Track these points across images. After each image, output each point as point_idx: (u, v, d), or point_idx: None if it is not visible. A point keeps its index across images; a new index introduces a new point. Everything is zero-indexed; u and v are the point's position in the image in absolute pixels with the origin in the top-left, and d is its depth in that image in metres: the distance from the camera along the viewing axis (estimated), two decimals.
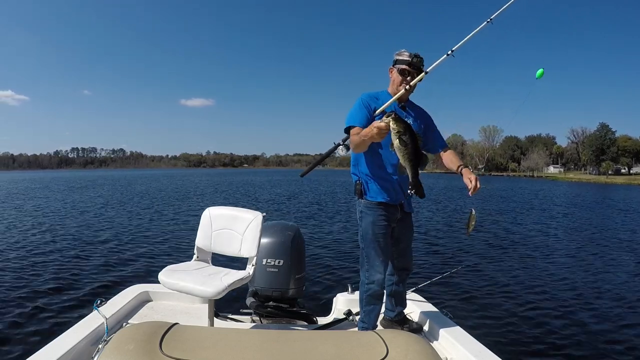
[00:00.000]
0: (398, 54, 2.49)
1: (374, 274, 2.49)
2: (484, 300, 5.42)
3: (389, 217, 2.50)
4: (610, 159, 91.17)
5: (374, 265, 2.49)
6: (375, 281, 2.49)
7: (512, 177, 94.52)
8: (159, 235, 9.75)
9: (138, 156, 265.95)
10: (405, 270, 2.72)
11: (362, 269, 2.56)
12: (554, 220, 15.26)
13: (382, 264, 2.49)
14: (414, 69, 2.44)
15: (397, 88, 2.47)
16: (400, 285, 2.72)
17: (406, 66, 2.44)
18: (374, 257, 2.48)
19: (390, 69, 2.54)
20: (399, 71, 2.47)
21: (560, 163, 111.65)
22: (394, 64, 2.51)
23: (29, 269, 6.22)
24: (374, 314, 2.56)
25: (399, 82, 2.47)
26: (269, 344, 1.00)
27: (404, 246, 2.66)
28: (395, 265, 2.68)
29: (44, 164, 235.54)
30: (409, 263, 2.73)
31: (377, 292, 2.52)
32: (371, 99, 2.50)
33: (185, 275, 2.46)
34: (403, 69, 2.45)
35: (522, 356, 3.83)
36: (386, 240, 2.51)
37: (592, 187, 49.52)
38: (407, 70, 2.45)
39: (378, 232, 2.47)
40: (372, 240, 2.47)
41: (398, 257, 2.66)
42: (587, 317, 4.93)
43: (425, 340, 1.09)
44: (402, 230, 2.62)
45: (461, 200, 23.72)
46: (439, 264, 7.39)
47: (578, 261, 8.23)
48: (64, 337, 2.20)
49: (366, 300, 2.54)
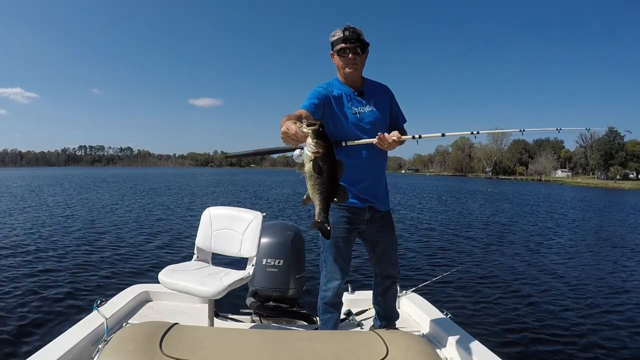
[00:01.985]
0: (332, 36, 2.21)
1: (330, 280, 2.30)
2: (484, 300, 5.42)
3: (352, 220, 2.25)
4: (618, 163, 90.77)
5: (331, 271, 2.29)
6: (331, 288, 2.30)
7: (520, 180, 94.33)
8: (159, 235, 9.73)
9: (145, 155, 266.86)
10: (389, 278, 2.44)
11: (320, 274, 2.37)
12: (556, 223, 15.26)
13: (340, 271, 2.28)
14: (352, 43, 2.14)
15: (345, 71, 2.20)
16: (386, 296, 2.48)
17: (342, 44, 2.15)
18: (332, 263, 2.28)
19: (331, 55, 2.25)
20: (337, 53, 2.18)
21: (568, 167, 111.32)
22: (332, 49, 2.22)
23: (29, 269, 6.20)
24: (331, 323, 2.36)
25: (343, 64, 2.19)
26: (269, 344, 1.01)
27: (382, 250, 2.37)
28: (377, 272, 2.44)
29: (51, 161, 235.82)
30: (392, 269, 2.44)
31: (332, 300, 2.32)
32: (326, 86, 2.23)
33: (185, 275, 2.46)
34: (340, 48, 2.16)
35: (522, 356, 3.83)
36: (347, 245, 2.28)
37: (599, 192, 49.33)
38: (345, 48, 2.15)
39: (337, 236, 2.21)
40: (330, 245, 2.24)
41: (377, 264, 2.41)
42: (587, 318, 4.93)
43: (425, 340, 1.09)
44: (376, 232, 2.34)
45: (466, 201, 23.75)
46: (438, 264, 7.40)
47: (579, 262, 8.24)
48: (64, 337, 2.20)
49: (322, 308, 2.36)
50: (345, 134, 2.19)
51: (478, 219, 15.51)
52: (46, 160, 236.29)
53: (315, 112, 2.04)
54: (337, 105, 2.19)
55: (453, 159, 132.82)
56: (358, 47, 2.16)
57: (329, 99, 2.16)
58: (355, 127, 2.20)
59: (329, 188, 1.58)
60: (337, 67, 2.25)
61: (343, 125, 2.19)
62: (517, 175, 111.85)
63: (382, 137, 2.06)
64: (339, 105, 2.20)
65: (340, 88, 2.23)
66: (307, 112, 1.98)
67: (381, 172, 2.35)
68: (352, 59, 2.17)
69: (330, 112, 2.16)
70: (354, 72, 2.21)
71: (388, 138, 2.07)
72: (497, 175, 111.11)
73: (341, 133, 2.18)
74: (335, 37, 2.18)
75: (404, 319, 2.97)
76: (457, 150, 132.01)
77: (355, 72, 2.21)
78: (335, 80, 2.28)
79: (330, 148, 1.55)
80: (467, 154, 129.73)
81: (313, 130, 1.50)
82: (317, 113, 2.05)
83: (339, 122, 2.19)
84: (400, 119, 2.41)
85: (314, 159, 1.52)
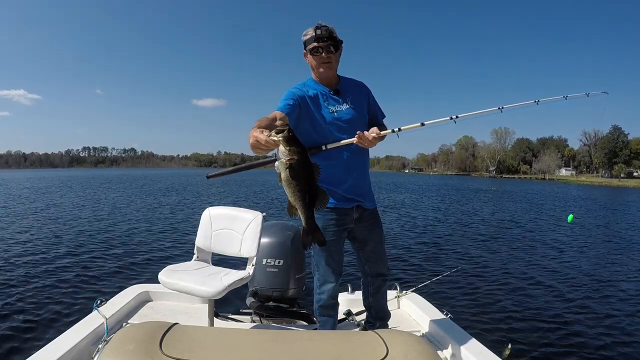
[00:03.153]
0: (304, 35, 2.17)
1: (324, 283, 2.27)
2: (484, 300, 5.41)
3: (341, 221, 2.22)
4: (622, 162, 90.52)
5: (324, 274, 2.26)
6: (325, 291, 2.27)
7: (524, 179, 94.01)
8: (159, 235, 9.74)
9: (149, 156, 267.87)
10: (380, 277, 2.43)
11: (314, 277, 2.35)
12: (558, 222, 15.24)
13: (332, 273, 2.26)
14: (324, 42, 2.11)
15: (319, 71, 2.18)
16: (377, 296, 2.45)
17: (314, 42, 2.11)
18: (324, 266, 2.25)
19: (305, 54, 2.20)
20: (310, 52, 2.15)
21: (572, 166, 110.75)
22: (305, 48, 2.18)
23: (28, 269, 6.21)
24: (328, 324, 2.34)
25: (316, 63, 2.16)
26: (269, 344, 1.01)
27: (371, 248, 2.36)
28: (368, 272, 2.41)
29: (55, 162, 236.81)
30: (382, 267, 2.43)
31: (327, 302, 2.30)
32: (301, 86, 2.19)
33: (185, 275, 2.46)
34: (313, 47, 2.13)
35: (522, 356, 3.82)
36: (338, 246, 2.26)
37: (603, 191, 48.96)
38: (318, 47, 2.12)
39: (328, 239, 2.13)
40: (321, 249, 2.19)
41: (367, 262, 2.39)
42: (588, 318, 4.92)
43: (425, 340, 1.09)
44: (364, 230, 2.33)
45: (468, 200, 23.74)
46: (438, 264, 7.39)
47: (580, 262, 8.21)
48: (64, 337, 2.20)
49: (318, 311, 2.34)
50: (324, 134, 2.15)
51: (479, 218, 15.49)
52: (50, 161, 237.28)
53: (291, 112, 2.00)
54: (314, 105, 2.15)
55: (457, 158, 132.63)
56: (331, 45, 2.13)
57: (304, 99, 2.12)
58: (333, 127, 2.17)
59: (309, 194, 1.57)
60: (311, 66, 2.21)
61: (321, 125, 2.16)
62: (520, 174, 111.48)
63: (362, 136, 2.04)
64: (316, 106, 2.16)
65: (315, 88, 2.20)
66: (282, 113, 1.94)
67: (364, 170, 2.33)
68: (326, 57, 2.13)
69: (307, 113, 2.13)
70: (328, 70, 2.17)
71: (368, 136, 2.06)
72: (500, 174, 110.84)
73: (319, 133, 2.15)
74: (308, 36, 2.14)
75: (404, 319, 2.97)
76: (460, 149, 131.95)
77: (329, 70, 2.18)
78: (310, 80, 2.24)
79: (304, 153, 1.50)
80: (470, 153, 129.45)
81: (283, 137, 1.44)
82: (293, 114, 2.02)
83: (316, 122, 2.15)
84: (379, 115, 2.40)
85: (289, 166, 1.49)
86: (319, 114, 2.16)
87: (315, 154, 2.13)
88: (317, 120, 2.16)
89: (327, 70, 2.17)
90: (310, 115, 2.15)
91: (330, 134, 2.16)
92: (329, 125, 2.17)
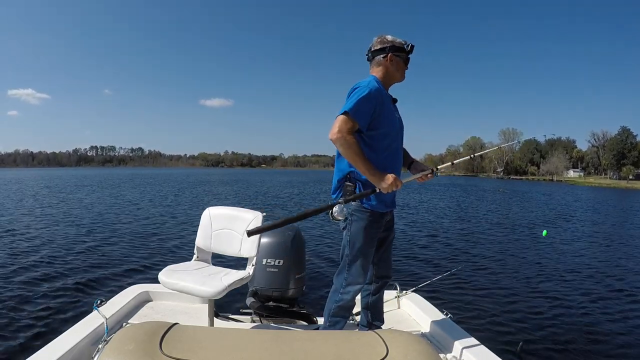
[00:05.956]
0: (395, 40, 2.24)
1: (351, 284, 2.25)
2: (484, 300, 5.40)
3: (381, 224, 2.28)
4: (631, 163, 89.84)
5: (355, 274, 2.23)
6: (350, 292, 2.25)
7: (532, 180, 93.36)
8: (159, 235, 9.74)
9: (156, 155, 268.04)
10: (385, 278, 2.46)
11: (338, 276, 2.30)
12: (560, 222, 15.21)
13: (363, 275, 2.26)
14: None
15: (398, 77, 2.28)
16: (377, 296, 2.47)
17: (409, 55, 2.28)
18: (358, 266, 2.22)
19: (389, 56, 2.21)
20: (404, 60, 2.26)
21: (580, 167, 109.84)
22: (391, 50, 2.21)
23: (28, 269, 6.22)
24: (339, 325, 2.29)
25: (402, 71, 2.27)
26: (269, 344, 1.00)
27: (384, 249, 2.40)
28: (376, 273, 2.43)
29: (63, 161, 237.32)
30: (389, 270, 2.48)
31: (349, 303, 2.29)
32: (377, 91, 2.12)
33: (185, 275, 2.46)
34: (408, 58, 2.28)
35: (522, 356, 3.82)
36: (374, 249, 2.29)
37: (611, 192, 48.43)
38: (409, 59, 2.29)
39: (369, 240, 2.20)
40: (361, 249, 2.20)
41: (379, 263, 2.40)
42: (588, 317, 4.89)
43: (425, 340, 1.09)
44: (384, 232, 2.35)
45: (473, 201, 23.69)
46: (439, 264, 7.37)
47: (581, 263, 8.16)
48: (64, 337, 2.21)
49: (334, 310, 2.28)
50: (391, 139, 2.22)
51: (481, 218, 15.44)
52: (57, 160, 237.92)
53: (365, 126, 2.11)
54: (387, 109, 2.19)
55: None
56: None
57: (380, 104, 2.13)
58: (398, 134, 2.28)
59: None
60: (388, 70, 2.24)
61: (391, 130, 2.21)
62: (528, 175, 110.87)
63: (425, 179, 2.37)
64: (388, 110, 2.21)
65: (384, 91, 2.24)
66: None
67: None
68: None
69: (379, 116, 2.14)
70: (402, 80, 2.32)
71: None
72: (508, 176, 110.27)
73: (388, 137, 2.20)
74: (404, 44, 2.25)
75: (404, 319, 2.96)
76: (468, 150, 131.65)
77: (402, 80, 2.32)
78: (378, 83, 2.19)
79: None
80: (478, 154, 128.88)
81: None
82: (365, 127, 2.11)
83: (388, 124, 2.20)
84: None
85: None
86: (389, 119, 2.22)
87: (385, 155, 2.21)
88: (389, 124, 2.21)
89: (402, 79, 2.32)
90: (382, 119, 2.17)
91: (396, 140, 2.27)
92: (396, 131, 2.27)
